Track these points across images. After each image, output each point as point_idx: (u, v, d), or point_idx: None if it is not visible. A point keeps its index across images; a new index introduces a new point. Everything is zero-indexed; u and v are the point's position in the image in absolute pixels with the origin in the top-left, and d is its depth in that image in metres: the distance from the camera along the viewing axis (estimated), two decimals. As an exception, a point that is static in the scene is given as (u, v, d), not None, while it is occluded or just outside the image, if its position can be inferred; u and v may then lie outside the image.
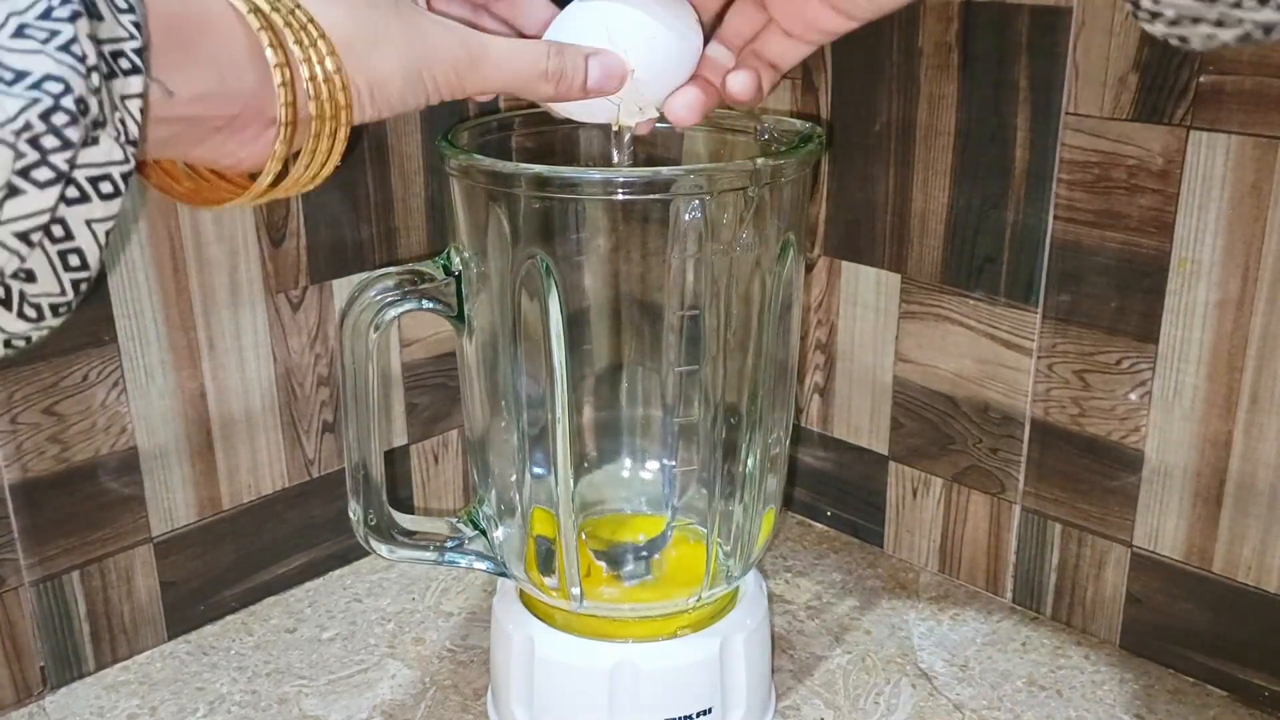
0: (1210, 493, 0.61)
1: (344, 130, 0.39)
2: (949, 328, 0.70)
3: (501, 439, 0.57)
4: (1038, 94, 0.62)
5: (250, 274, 0.66)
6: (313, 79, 0.37)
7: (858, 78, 0.70)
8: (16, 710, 0.62)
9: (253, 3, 0.36)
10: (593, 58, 0.45)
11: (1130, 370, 0.63)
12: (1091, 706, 0.62)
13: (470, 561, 0.58)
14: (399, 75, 0.40)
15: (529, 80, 0.43)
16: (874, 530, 0.78)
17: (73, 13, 0.29)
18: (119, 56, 0.31)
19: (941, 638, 0.68)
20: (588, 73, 0.45)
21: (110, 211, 0.31)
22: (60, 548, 0.62)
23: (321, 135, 0.38)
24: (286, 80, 0.36)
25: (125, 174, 0.31)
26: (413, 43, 0.40)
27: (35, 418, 0.59)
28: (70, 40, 0.29)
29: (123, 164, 0.31)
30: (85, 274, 0.31)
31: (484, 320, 0.55)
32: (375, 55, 0.39)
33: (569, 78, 0.44)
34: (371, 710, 0.62)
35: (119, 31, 0.31)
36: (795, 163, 0.52)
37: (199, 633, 0.69)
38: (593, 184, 0.51)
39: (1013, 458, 0.69)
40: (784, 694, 0.63)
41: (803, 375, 0.78)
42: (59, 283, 0.31)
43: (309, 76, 0.37)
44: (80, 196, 0.30)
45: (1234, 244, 0.57)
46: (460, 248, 0.54)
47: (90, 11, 0.30)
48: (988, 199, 0.66)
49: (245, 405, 0.67)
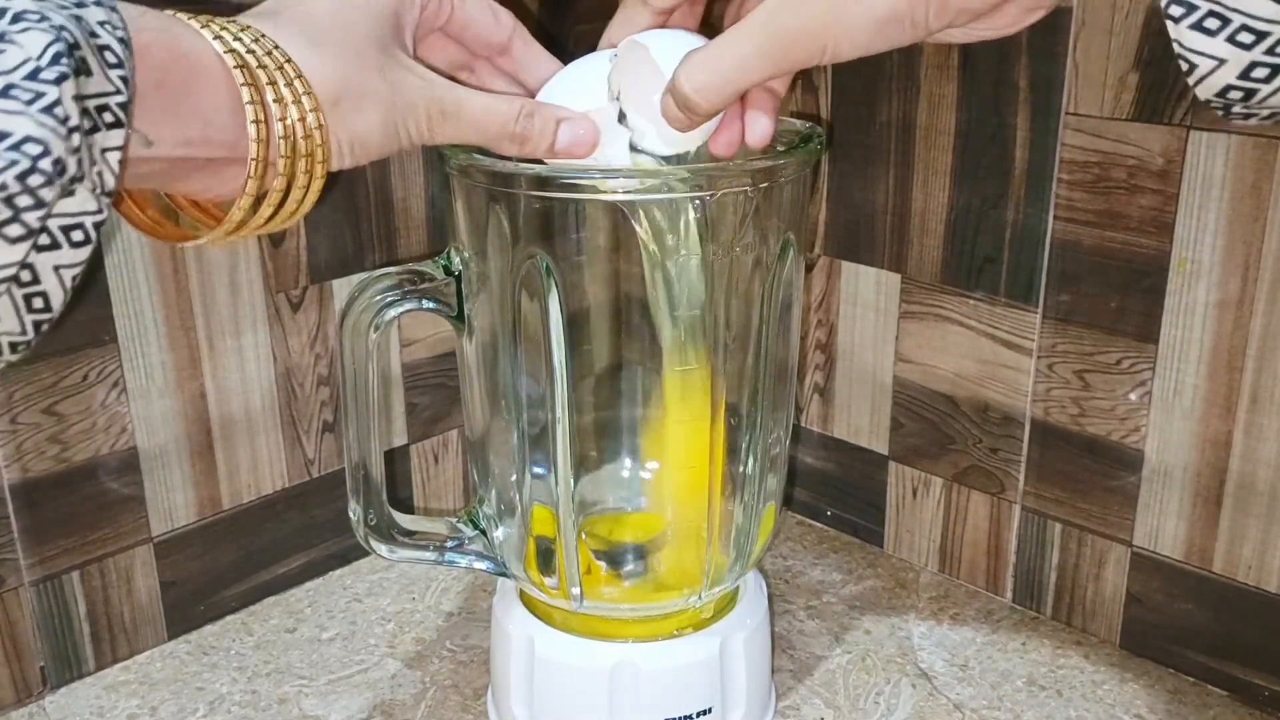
0: (1210, 493, 0.61)
1: (319, 180, 0.40)
2: (949, 328, 0.70)
3: (501, 439, 0.57)
4: (1038, 94, 0.62)
5: (250, 274, 0.66)
6: (286, 136, 0.38)
7: (858, 78, 0.70)
8: (16, 710, 0.62)
9: (240, 57, 0.37)
10: (565, 123, 0.46)
11: (1130, 370, 0.63)
12: (1091, 706, 0.62)
13: (470, 561, 0.58)
14: (379, 131, 0.41)
15: (496, 138, 0.45)
16: (874, 530, 0.78)
17: (59, 75, 0.29)
18: (103, 110, 0.31)
19: (941, 638, 0.68)
20: (556, 137, 0.46)
21: (79, 258, 0.32)
22: (60, 548, 0.62)
23: (294, 183, 0.39)
24: (262, 137, 0.37)
25: (97, 223, 0.32)
26: (394, 101, 0.41)
27: (35, 418, 0.59)
28: (54, 103, 0.29)
29: (96, 214, 0.32)
30: (48, 315, 0.32)
31: (484, 320, 0.55)
32: (358, 115, 0.40)
33: (535, 140, 0.46)
34: (371, 710, 0.62)
35: (106, 86, 0.31)
36: (795, 163, 0.52)
37: (199, 633, 0.69)
38: (593, 184, 0.51)
39: (1013, 458, 0.69)
40: (784, 694, 0.63)
41: (803, 375, 0.78)
42: (20, 323, 0.31)
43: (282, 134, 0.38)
44: (51, 244, 0.31)
45: (1234, 244, 0.57)
46: (460, 248, 0.54)
47: (80, 69, 0.30)
48: (988, 199, 0.66)
49: (245, 405, 0.67)
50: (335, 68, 0.40)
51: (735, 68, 0.42)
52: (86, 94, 0.30)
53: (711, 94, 0.43)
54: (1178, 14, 0.34)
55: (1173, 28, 0.34)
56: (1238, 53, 0.33)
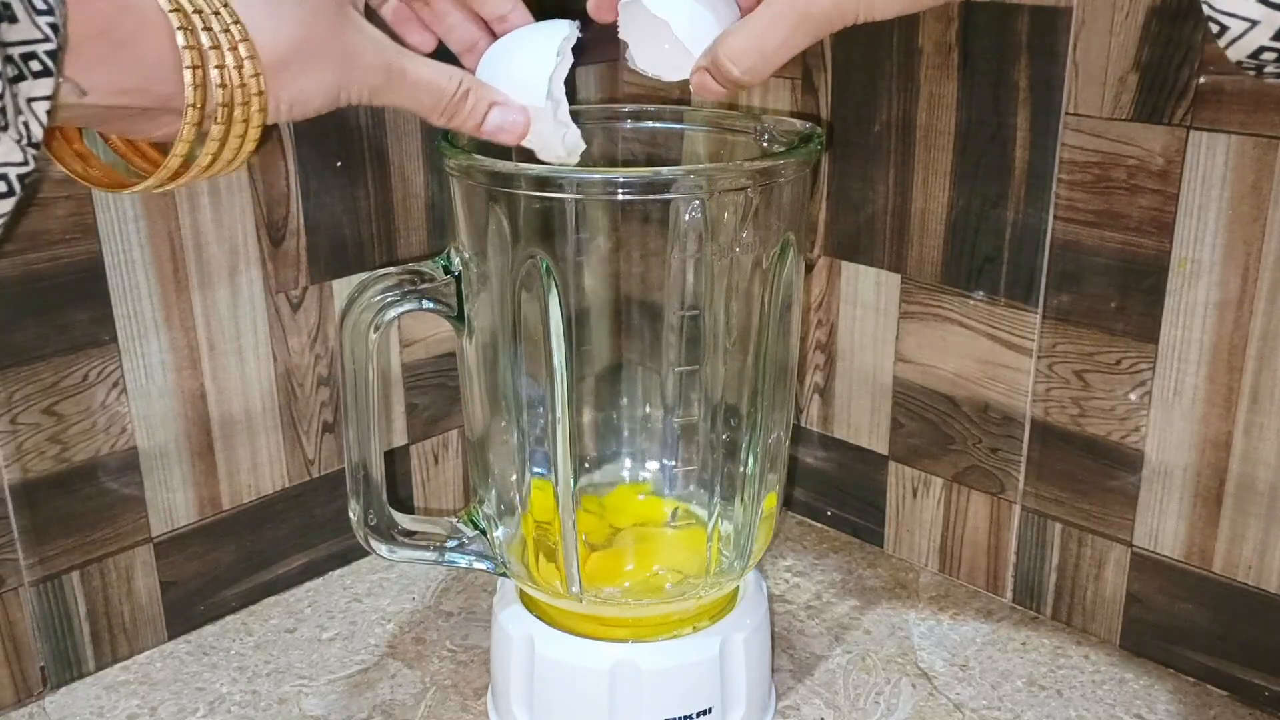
0: (1210, 493, 0.61)
1: (256, 129, 0.40)
2: (949, 328, 0.70)
3: (501, 439, 0.57)
4: (1038, 94, 0.62)
5: (250, 274, 0.66)
6: (224, 86, 0.38)
7: (858, 78, 0.70)
8: (16, 710, 0.62)
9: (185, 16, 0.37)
10: (497, 108, 0.47)
11: (1130, 370, 0.63)
12: (1091, 706, 0.62)
13: (470, 561, 0.58)
14: (320, 93, 0.42)
15: (428, 111, 0.46)
16: (874, 530, 0.78)
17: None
18: (30, 59, 0.31)
19: (941, 638, 0.68)
20: (486, 119, 0.47)
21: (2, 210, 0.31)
22: (60, 548, 0.62)
23: (230, 132, 0.39)
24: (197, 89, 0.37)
25: (22, 175, 0.32)
26: (342, 66, 0.42)
27: (35, 418, 0.59)
28: None
29: (21, 165, 0.31)
30: None
31: (484, 320, 0.55)
32: (305, 78, 0.41)
33: (462, 118, 0.47)
34: (371, 710, 0.62)
35: (33, 34, 0.31)
36: (795, 163, 0.52)
37: (199, 633, 0.69)
38: (593, 184, 0.51)
39: (1013, 458, 0.69)
40: (784, 694, 0.63)
41: (803, 375, 0.78)
42: None
43: (220, 84, 0.38)
44: None
45: (1234, 244, 0.57)
46: (460, 248, 0.54)
47: (3, 16, 0.30)
48: (988, 199, 0.66)
49: (245, 405, 0.67)
50: (290, 29, 0.40)
51: (777, 47, 0.44)
52: (9, 40, 0.30)
53: (757, 74, 0.45)
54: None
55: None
56: (1271, 13, 0.33)
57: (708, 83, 0.46)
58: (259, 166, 0.64)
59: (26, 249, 0.57)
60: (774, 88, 0.74)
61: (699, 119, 0.62)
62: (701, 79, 0.46)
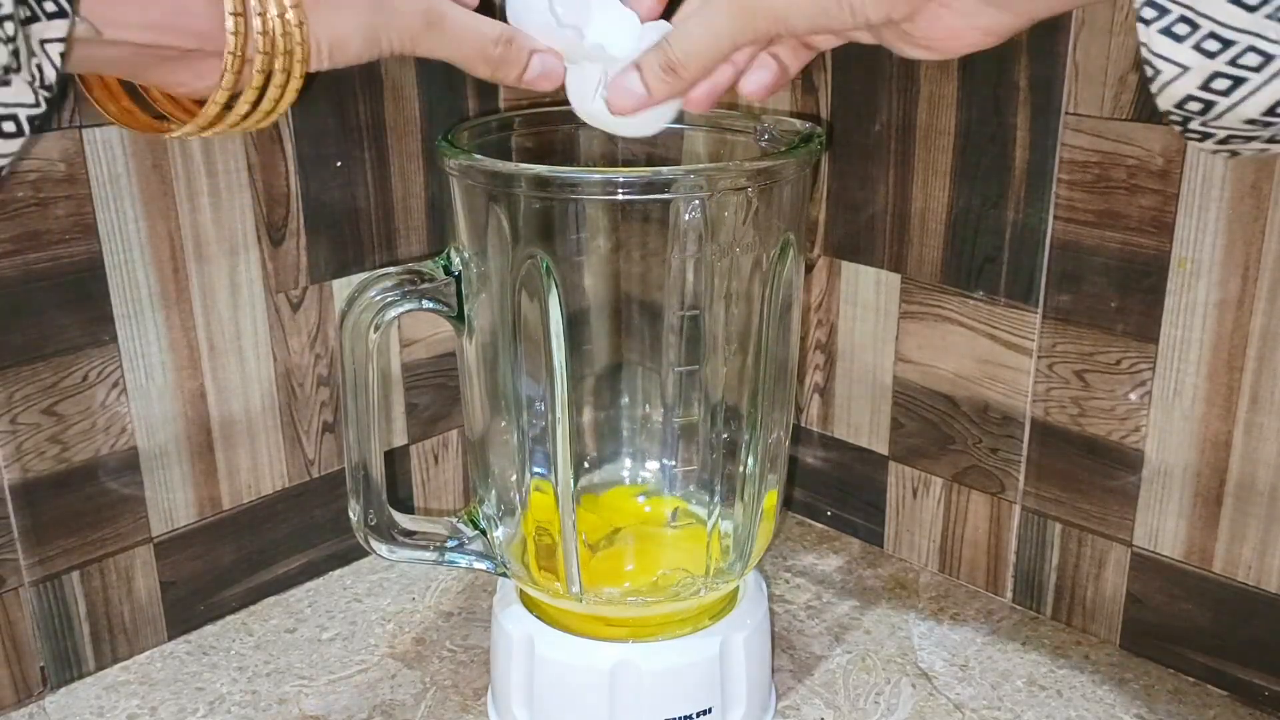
0: (1210, 493, 0.61)
1: (297, 79, 0.40)
2: (949, 328, 0.70)
3: (501, 439, 0.57)
4: (1038, 94, 0.62)
5: (250, 274, 0.66)
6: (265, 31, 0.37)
7: (858, 78, 0.70)
8: (16, 710, 0.62)
9: None
10: (538, 55, 0.47)
11: (1130, 370, 0.63)
12: (1091, 706, 0.62)
13: (470, 561, 0.58)
14: (359, 35, 0.41)
15: (472, 59, 0.45)
16: (874, 530, 0.78)
17: None
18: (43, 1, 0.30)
19: (941, 637, 0.68)
20: (528, 67, 0.47)
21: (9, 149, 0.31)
22: (60, 548, 0.62)
23: (271, 80, 0.39)
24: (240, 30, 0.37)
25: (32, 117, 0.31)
26: (380, 4, 0.41)
27: (35, 418, 0.59)
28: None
29: (32, 107, 0.31)
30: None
31: (484, 320, 0.55)
32: (339, 16, 0.40)
33: (507, 67, 0.46)
34: (371, 710, 0.62)
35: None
36: (795, 163, 0.52)
37: (199, 633, 0.69)
38: (593, 184, 0.51)
39: (1013, 458, 0.69)
40: (784, 694, 0.63)
41: (803, 375, 0.78)
42: None
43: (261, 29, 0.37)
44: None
45: (1234, 244, 0.57)
46: (460, 248, 0.54)
47: None
48: (988, 199, 0.66)
49: (245, 405, 0.67)
50: None
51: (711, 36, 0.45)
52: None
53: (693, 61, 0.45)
54: (1150, 16, 0.33)
55: (1143, 31, 0.34)
56: (1202, 60, 0.33)
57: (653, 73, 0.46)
58: (259, 166, 0.64)
59: (26, 249, 0.57)
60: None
61: (699, 119, 0.62)
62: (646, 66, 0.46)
